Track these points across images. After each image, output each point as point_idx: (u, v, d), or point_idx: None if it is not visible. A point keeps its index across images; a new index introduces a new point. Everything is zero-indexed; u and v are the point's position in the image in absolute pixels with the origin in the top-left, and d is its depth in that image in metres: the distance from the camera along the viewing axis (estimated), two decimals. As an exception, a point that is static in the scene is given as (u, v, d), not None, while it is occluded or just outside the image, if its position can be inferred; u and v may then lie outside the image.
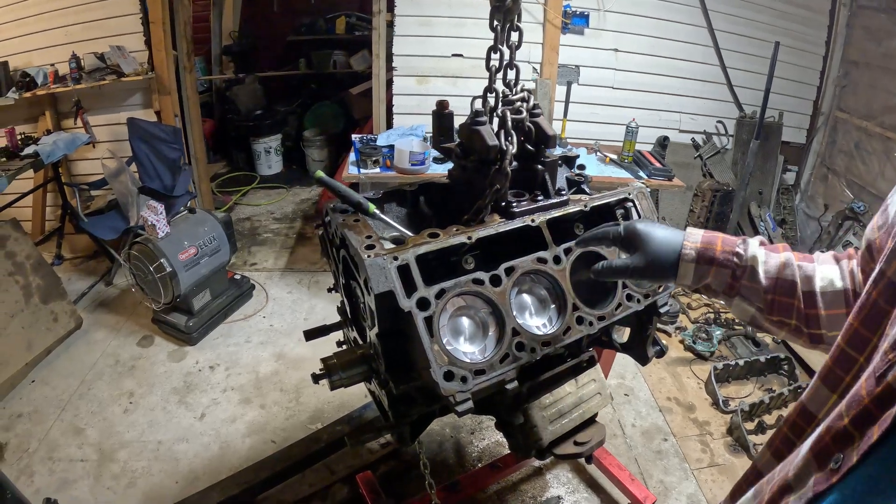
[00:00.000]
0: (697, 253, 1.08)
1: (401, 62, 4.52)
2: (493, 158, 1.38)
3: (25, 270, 3.57)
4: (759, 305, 1.05)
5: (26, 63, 4.55)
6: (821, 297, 0.98)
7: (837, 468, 0.62)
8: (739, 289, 1.06)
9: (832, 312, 0.97)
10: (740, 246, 1.07)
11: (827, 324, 0.98)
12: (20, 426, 3.18)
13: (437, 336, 1.20)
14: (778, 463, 0.84)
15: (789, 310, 1.02)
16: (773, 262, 1.04)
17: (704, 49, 4.76)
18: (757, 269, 1.04)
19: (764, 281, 1.03)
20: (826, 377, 0.79)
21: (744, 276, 1.05)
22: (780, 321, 1.04)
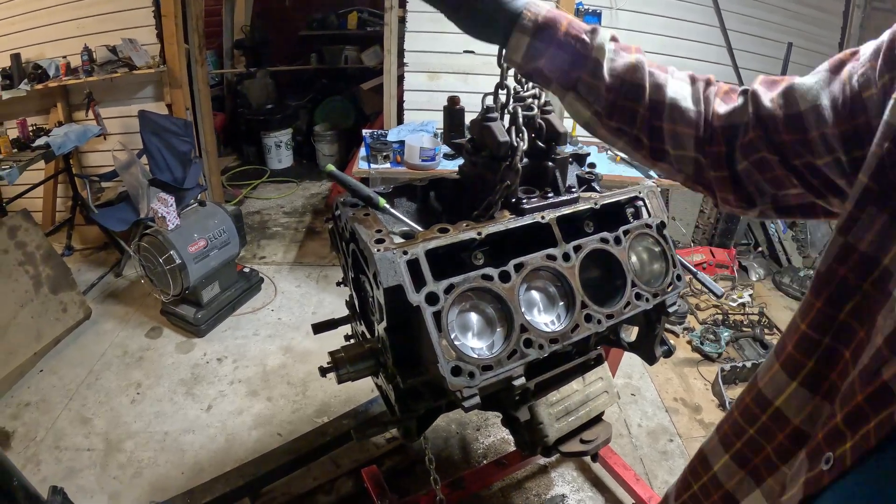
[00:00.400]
0: (536, 26, 0.91)
1: (412, 58, 4.53)
2: (504, 155, 1.38)
3: (36, 260, 3.59)
4: (598, 108, 0.93)
5: (38, 55, 4.58)
6: (669, 109, 0.89)
7: (829, 469, 0.59)
8: (577, 83, 0.92)
9: (679, 129, 0.89)
10: (587, 34, 0.92)
11: (671, 140, 0.90)
12: (28, 415, 3.20)
13: (446, 331, 1.20)
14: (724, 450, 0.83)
15: (632, 117, 0.91)
16: (622, 61, 0.91)
17: (717, 49, 4.74)
18: (601, 63, 0.90)
19: (608, 78, 0.90)
20: (785, 362, 0.74)
21: (584, 68, 0.91)
22: (618, 129, 0.93)
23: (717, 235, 4.86)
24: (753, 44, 4.75)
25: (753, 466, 0.78)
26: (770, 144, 0.80)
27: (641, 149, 0.94)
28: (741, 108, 0.84)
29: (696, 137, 0.88)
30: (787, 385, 0.73)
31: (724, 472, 0.83)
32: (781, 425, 0.74)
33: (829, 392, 0.68)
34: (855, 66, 0.71)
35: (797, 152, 0.77)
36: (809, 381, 0.71)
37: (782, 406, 0.74)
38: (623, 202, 1.65)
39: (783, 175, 0.81)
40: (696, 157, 0.89)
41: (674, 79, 0.91)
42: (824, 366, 0.69)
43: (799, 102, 0.76)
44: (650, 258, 1.62)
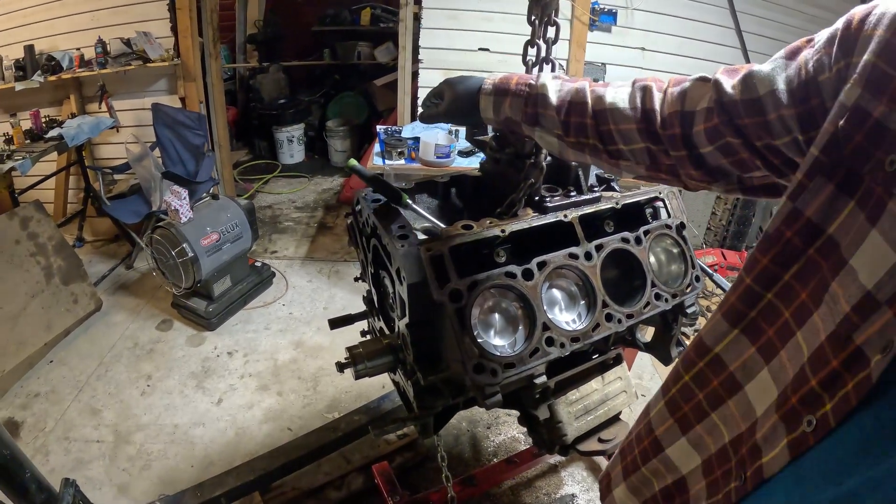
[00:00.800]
0: (494, 87, 1.17)
1: (427, 55, 4.52)
2: (528, 152, 1.37)
3: (47, 251, 3.60)
4: (557, 131, 1.09)
5: (52, 47, 4.59)
6: (610, 113, 1.01)
7: (813, 430, 0.63)
8: (537, 117, 1.11)
9: (622, 127, 1.00)
10: (532, 79, 1.13)
11: (620, 138, 1.01)
12: (37, 405, 3.21)
13: (469, 328, 1.20)
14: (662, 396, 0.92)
15: (583, 129, 1.05)
16: (567, 87, 1.09)
17: (733, 51, 4.70)
18: (547, 95, 1.08)
19: (555, 102, 1.07)
20: (727, 312, 0.79)
21: (538, 104, 1.10)
22: (578, 142, 1.07)
23: (729, 238, 4.84)
24: (769, 47, 4.71)
25: (682, 414, 0.86)
26: (733, 128, 0.84)
27: (601, 153, 1.06)
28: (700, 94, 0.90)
29: (638, 130, 0.98)
30: (727, 332, 0.79)
31: (656, 418, 0.92)
32: (717, 371, 0.80)
33: (765, 347, 0.74)
34: (810, 53, 0.76)
35: (758, 134, 0.82)
36: (749, 331, 0.77)
37: (721, 352, 0.80)
38: (643, 202, 1.65)
39: (747, 157, 0.86)
40: (646, 146, 0.99)
41: (614, 88, 1.04)
42: (763, 320, 0.75)
43: (758, 87, 0.80)
44: (668, 259, 1.62)
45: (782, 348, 0.71)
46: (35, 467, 1.77)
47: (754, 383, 0.75)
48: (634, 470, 0.98)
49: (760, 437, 0.71)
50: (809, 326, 0.67)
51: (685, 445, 0.86)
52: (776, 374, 0.71)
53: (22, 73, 4.40)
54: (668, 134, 0.94)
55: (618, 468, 1.05)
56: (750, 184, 0.94)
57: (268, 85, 6.93)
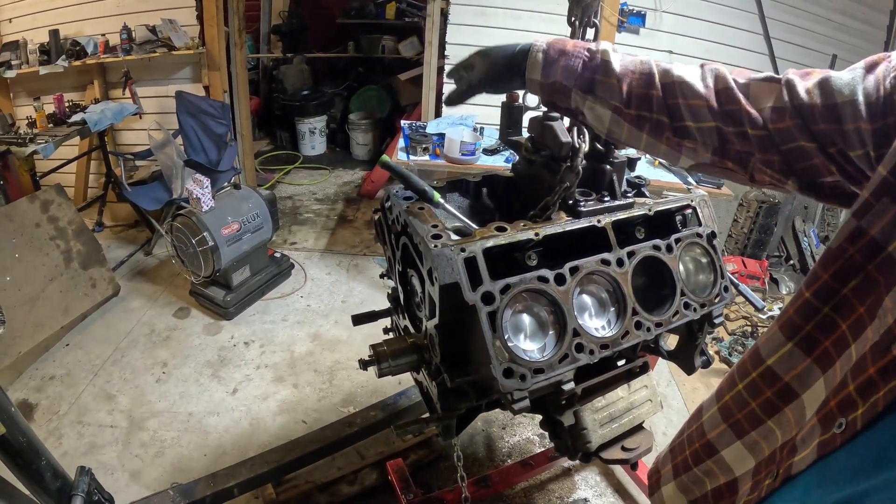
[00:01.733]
0: (549, 45, 1.07)
1: (453, 51, 4.49)
2: (565, 155, 1.35)
3: (67, 235, 3.62)
4: (615, 103, 1.01)
5: (77, 32, 4.62)
6: (679, 87, 0.96)
7: (842, 432, 0.64)
8: (593, 84, 1.02)
9: (693, 102, 0.94)
10: (591, 44, 1.06)
11: (689, 114, 0.95)
12: (52, 388, 3.24)
13: (500, 332, 1.19)
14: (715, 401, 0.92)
15: (648, 101, 0.98)
16: (630, 58, 1.02)
17: (760, 57, 4.66)
18: (609, 61, 1.01)
19: (618, 70, 1.00)
20: (784, 325, 0.80)
21: (597, 71, 1.02)
22: (639, 115, 1.00)
23: (750, 246, 4.80)
24: (797, 54, 4.67)
25: (736, 421, 0.86)
26: (808, 133, 0.83)
27: (665, 129, 0.99)
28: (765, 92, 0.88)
29: (709, 108, 0.93)
30: (782, 345, 0.79)
31: (709, 422, 0.92)
32: (770, 382, 0.81)
33: (821, 357, 0.74)
34: (888, 68, 0.75)
35: (833, 141, 0.81)
36: (805, 343, 0.77)
37: (774, 364, 0.80)
38: (675, 210, 1.62)
39: (821, 163, 0.84)
40: (716, 126, 0.94)
41: (682, 65, 0.99)
42: (820, 332, 0.75)
43: (835, 95, 0.79)
44: (697, 268, 1.60)
45: (837, 359, 0.72)
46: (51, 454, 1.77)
47: (811, 392, 0.75)
48: (686, 470, 0.97)
49: (799, 438, 0.72)
50: (862, 338, 0.68)
51: (740, 449, 0.85)
52: (829, 383, 0.72)
53: (46, 58, 4.43)
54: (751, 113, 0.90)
55: (668, 466, 1.03)
56: (823, 188, 0.91)
57: (291, 76, 6.93)
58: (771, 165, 0.91)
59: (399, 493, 2.45)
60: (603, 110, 1.03)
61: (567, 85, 1.05)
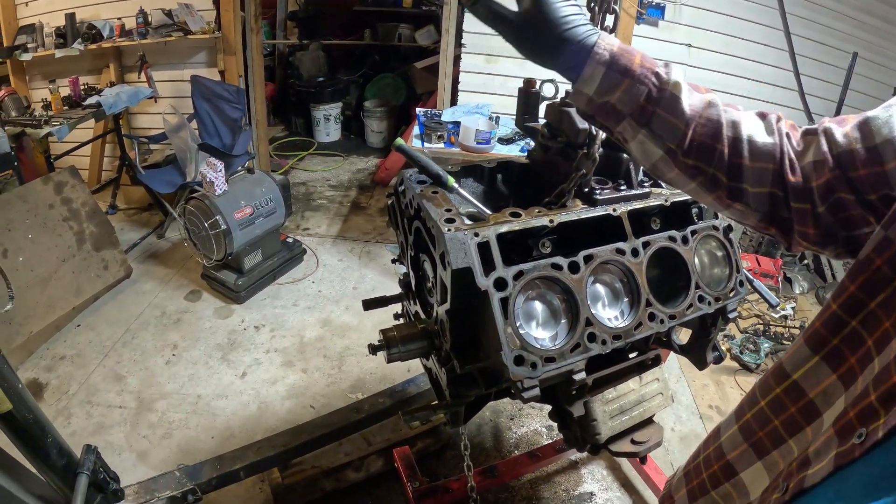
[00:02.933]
0: (612, 56, 0.86)
1: (470, 39, 4.48)
2: (582, 142, 1.33)
3: (80, 217, 3.64)
4: (671, 145, 0.88)
5: (93, 16, 4.64)
6: (747, 145, 0.86)
7: (861, 442, 0.61)
8: (651, 117, 0.87)
9: (759, 165, 0.86)
10: (661, 68, 0.88)
11: (750, 178, 0.87)
12: (62, 368, 3.26)
13: (512, 318, 1.17)
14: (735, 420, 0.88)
15: (710, 154, 0.87)
16: (697, 97, 0.88)
17: (779, 52, 4.59)
18: (679, 98, 0.86)
19: (687, 112, 0.86)
20: (810, 338, 0.77)
21: (661, 103, 0.86)
22: (695, 167, 0.89)
23: (764, 244, 4.75)
24: (816, 50, 4.61)
25: (758, 440, 0.82)
26: (847, 182, 0.79)
27: (717, 188, 0.90)
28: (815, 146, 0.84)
29: (774, 171, 0.86)
30: (808, 359, 0.76)
31: (728, 443, 0.88)
32: (796, 398, 0.78)
33: (846, 374, 0.72)
34: None
35: (874, 186, 0.77)
36: (831, 358, 0.74)
37: (800, 379, 0.77)
38: (691, 201, 1.60)
39: (859, 215, 0.80)
40: (772, 192, 0.87)
41: (746, 114, 0.89)
42: (847, 347, 0.72)
43: (874, 135, 0.76)
44: (713, 261, 1.58)
45: (860, 374, 0.70)
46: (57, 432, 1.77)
47: (832, 410, 0.73)
48: (703, 494, 0.92)
49: (812, 451, 0.70)
50: (886, 351, 0.66)
51: (760, 469, 0.82)
52: (849, 398, 0.70)
53: (62, 41, 4.45)
54: (793, 182, 0.85)
55: (682, 492, 0.98)
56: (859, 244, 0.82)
57: (307, 62, 6.93)
58: (807, 238, 0.88)
59: (405, 481, 2.44)
60: (655, 149, 0.90)
61: (623, 111, 0.89)
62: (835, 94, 4.33)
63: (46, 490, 1.77)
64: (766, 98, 4.70)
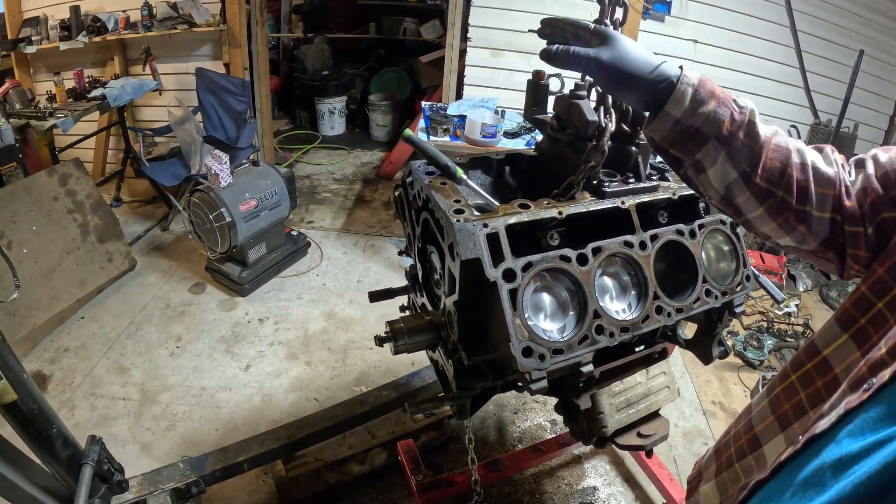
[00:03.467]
0: (700, 82, 0.92)
1: (476, 33, 4.48)
2: (591, 135, 1.33)
3: (84, 209, 3.64)
4: (747, 168, 0.92)
5: (98, 8, 4.63)
6: (812, 171, 0.91)
7: (870, 388, 0.65)
8: (733, 140, 0.91)
9: (821, 191, 0.90)
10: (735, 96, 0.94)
11: (815, 202, 0.91)
12: (66, 360, 3.26)
13: (520, 310, 1.17)
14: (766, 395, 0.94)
15: (780, 177, 0.91)
16: (764, 126, 0.94)
17: (785, 49, 4.59)
18: (756, 123, 0.92)
19: (762, 136, 0.91)
20: (841, 317, 0.82)
21: (741, 127, 0.91)
22: (767, 190, 0.92)
23: (769, 241, 4.74)
24: (823, 48, 4.59)
25: (783, 412, 0.87)
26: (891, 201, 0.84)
27: (786, 211, 0.93)
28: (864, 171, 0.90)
29: (834, 197, 0.90)
30: (838, 336, 0.81)
31: (757, 416, 0.93)
32: (823, 373, 0.83)
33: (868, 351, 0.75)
34: None
35: None
36: (859, 337, 0.79)
37: (829, 355, 0.82)
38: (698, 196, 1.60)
39: None
40: (832, 217, 0.91)
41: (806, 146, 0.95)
42: (873, 327, 0.77)
43: None
44: (720, 255, 1.58)
45: None
46: (62, 423, 1.78)
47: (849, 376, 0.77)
48: (728, 466, 0.96)
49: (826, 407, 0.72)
50: None
51: (780, 440, 0.86)
52: None
53: (67, 34, 4.44)
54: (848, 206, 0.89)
55: (712, 467, 1.02)
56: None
57: (312, 56, 6.92)
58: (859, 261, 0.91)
59: (409, 474, 2.45)
60: (731, 171, 0.93)
61: (708, 134, 0.92)
62: (841, 91, 4.31)
63: (51, 481, 1.78)
64: (772, 94, 4.69)
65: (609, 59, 0.93)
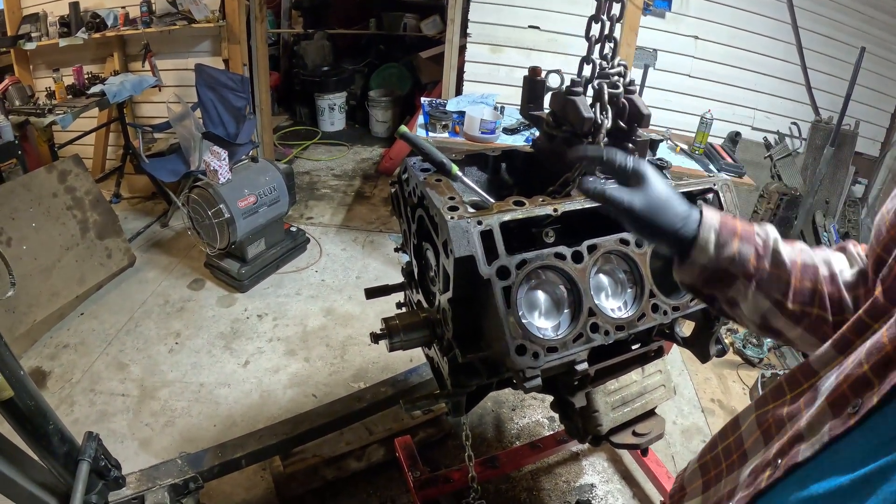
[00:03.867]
0: (721, 222, 0.94)
1: (476, 29, 4.47)
2: (587, 131, 1.33)
3: (84, 206, 3.64)
4: (778, 296, 0.93)
5: (97, 4, 4.62)
6: (841, 280, 0.92)
7: (855, 412, 0.63)
8: (761, 272, 0.93)
9: (853, 294, 0.91)
10: (757, 226, 0.96)
11: (850, 307, 0.91)
12: (65, 356, 3.27)
13: (514, 308, 1.17)
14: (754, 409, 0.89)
15: (812, 295, 0.92)
16: (789, 245, 0.95)
17: (786, 46, 4.57)
18: (780, 252, 0.93)
19: (787, 262, 0.92)
20: (837, 342, 0.79)
21: (767, 258, 0.93)
22: (801, 311, 0.93)
23: (767, 236, 4.73)
24: (824, 44, 4.57)
25: (767, 426, 0.83)
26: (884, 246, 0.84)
27: (823, 326, 0.93)
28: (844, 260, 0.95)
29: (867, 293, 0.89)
30: (833, 358, 0.78)
31: (746, 432, 0.89)
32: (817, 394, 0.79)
33: None
34: None
35: None
36: None
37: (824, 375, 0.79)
38: (696, 193, 1.59)
39: None
40: None
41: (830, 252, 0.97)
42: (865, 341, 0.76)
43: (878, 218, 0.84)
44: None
45: None
46: (59, 419, 1.78)
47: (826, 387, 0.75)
48: (717, 482, 0.93)
49: (805, 426, 0.71)
50: None
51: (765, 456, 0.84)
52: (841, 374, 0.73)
53: (66, 30, 4.43)
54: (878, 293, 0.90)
55: (697, 483, 0.99)
56: None
57: (312, 52, 6.92)
58: None
59: (406, 470, 2.45)
60: (763, 301, 0.95)
61: (734, 273, 0.94)
62: (842, 88, 4.29)
63: (48, 477, 1.78)
64: (773, 91, 4.67)
65: (641, 209, 0.95)
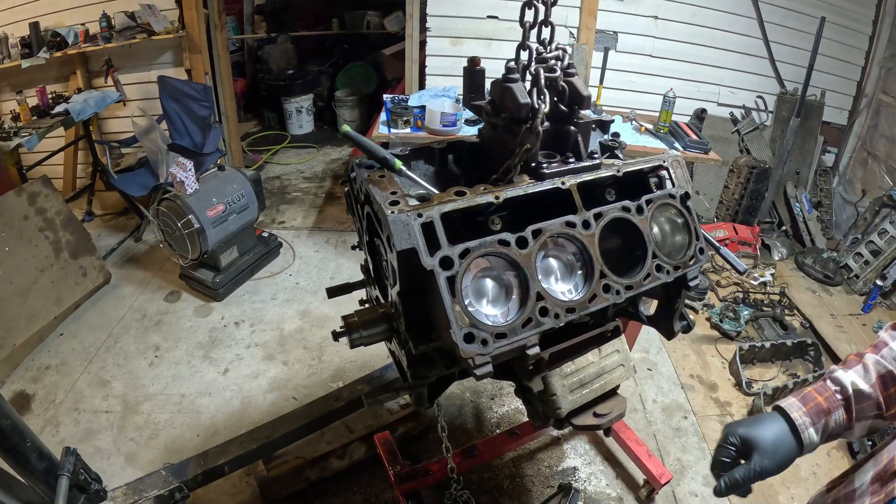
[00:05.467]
0: (810, 417, 1.12)
1: (435, 23, 4.47)
2: (525, 117, 1.34)
3: (55, 226, 3.62)
4: (874, 414, 1.11)
5: (57, 23, 4.59)
6: None
7: None
8: (856, 414, 1.12)
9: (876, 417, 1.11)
10: (832, 385, 1.14)
11: None
12: (48, 378, 3.25)
13: (459, 297, 1.18)
14: None
15: None
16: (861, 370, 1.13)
17: (747, 20, 4.60)
18: (862, 390, 1.10)
19: (868, 389, 1.10)
20: None
21: (853, 403, 1.11)
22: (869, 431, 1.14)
23: (741, 212, 4.78)
24: (785, 17, 4.61)
25: None
26: None
27: None
28: None
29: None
30: None
31: None
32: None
33: None
34: None
35: None
36: None
37: None
38: (646, 170, 1.61)
39: None
40: None
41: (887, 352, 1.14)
42: None
43: None
44: (672, 229, 1.58)
45: None
46: (37, 437, 1.77)
47: None
48: None
49: None
50: None
51: None
52: None
53: (28, 51, 4.40)
54: None
55: None
56: None
57: (276, 56, 6.91)
58: None
59: (387, 466, 2.46)
60: (865, 423, 1.13)
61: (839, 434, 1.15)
62: (804, 59, 4.34)
63: (30, 494, 1.78)
64: (736, 66, 4.71)
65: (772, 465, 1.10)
